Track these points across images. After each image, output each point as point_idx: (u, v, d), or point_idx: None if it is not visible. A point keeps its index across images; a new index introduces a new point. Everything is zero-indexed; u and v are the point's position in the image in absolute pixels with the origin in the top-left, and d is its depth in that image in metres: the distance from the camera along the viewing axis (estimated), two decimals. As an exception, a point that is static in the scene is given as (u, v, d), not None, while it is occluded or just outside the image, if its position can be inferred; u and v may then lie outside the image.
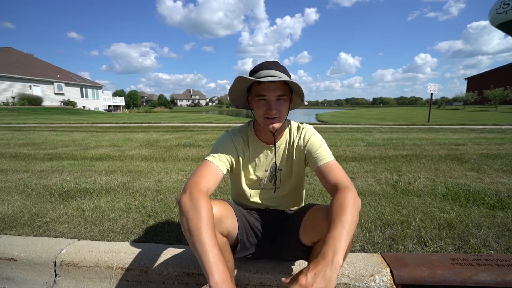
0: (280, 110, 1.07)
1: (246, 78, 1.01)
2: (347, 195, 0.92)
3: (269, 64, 1.09)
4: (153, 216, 1.96)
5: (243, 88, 1.14)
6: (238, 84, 1.08)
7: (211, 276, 0.77)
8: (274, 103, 1.05)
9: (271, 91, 1.04)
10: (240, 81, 1.05)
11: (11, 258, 1.45)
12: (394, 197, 2.27)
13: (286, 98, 1.08)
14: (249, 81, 1.06)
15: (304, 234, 1.06)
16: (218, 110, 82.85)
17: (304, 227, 1.06)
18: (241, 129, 1.24)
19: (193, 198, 0.90)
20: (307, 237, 1.05)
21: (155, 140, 5.98)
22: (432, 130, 7.49)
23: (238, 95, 1.18)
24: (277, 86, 1.04)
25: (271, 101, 1.05)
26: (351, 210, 0.87)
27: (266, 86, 1.04)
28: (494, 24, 13.20)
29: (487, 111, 24.47)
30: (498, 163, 3.38)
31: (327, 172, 1.06)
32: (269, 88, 1.04)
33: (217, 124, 10.98)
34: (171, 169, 3.31)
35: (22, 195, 2.41)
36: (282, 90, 1.06)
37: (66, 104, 28.72)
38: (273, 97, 1.05)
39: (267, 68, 1.07)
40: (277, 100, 1.06)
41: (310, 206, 1.14)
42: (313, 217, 1.03)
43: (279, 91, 1.05)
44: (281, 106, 1.07)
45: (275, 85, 1.04)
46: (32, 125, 9.66)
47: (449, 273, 1.22)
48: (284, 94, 1.06)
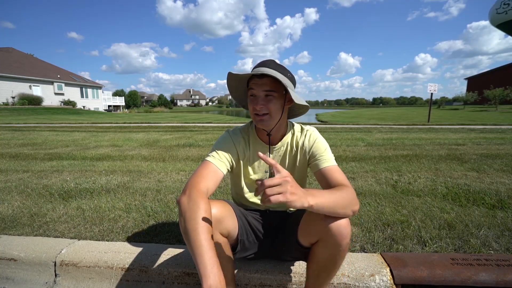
0: (268, 107, 1.05)
1: (234, 73, 1.03)
2: (349, 189, 0.96)
3: (264, 62, 1.09)
4: (153, 216, 1.96)
5: (241, 87, 1.14)
6: (232, 82, 1.09)
7: (206, 278, 0.77)
8: (262, 99, 1.04)
9: (259, 85, 1.04)
10: (231, 78, 1.06)
11: (11, 258, 1.45)
12: (394, 197, 2.27)
13: (276, 95, 1.05)
14: (242, 79, 1.07)
15: (302, 235, 1.06)
16: (218, 110, 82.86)
17: (302, 228, 1.06)
18: (242, 128, 1.23)
19: (192, 199, 0.90)
20: (305, 238, 1.05)
21: (155, 140, 5.97)
22: (432, 130, 7.49)
23: (241, 95, 1.18)
24: (265, 81, 1.03)
25: (259, 96, 1.05)
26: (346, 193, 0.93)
27: (255, 81, 1.04)
28: (494, 24, 13.20)
29: (487, 111, 24.47)
30: (498, 163, 3.38)
31: (329, 175, 1.06)
32: (257, 83, 1.04)
33: (217, 124, 10.98)
34: (171, 169, 3.31)
35: (22, 195, 2.41)
36: (270, 86, 1.03)
37: (66, 104, 28.73)
38: (260, 92, 1.04)
39: (262, 66, 1.06)
40: (265, 96, 1.05)
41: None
42: (311, 218, 1.02)
43: (266, 86, 1.03)
44: (269, 103, 1.05)
45: (262, 81, 1.03)
46: (32, 125, 9.66)
47: (449, 273, 1.22)
48: (272, 90, 1.04)
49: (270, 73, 1.00)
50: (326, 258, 0.99)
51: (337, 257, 0.98)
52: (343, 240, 0.93)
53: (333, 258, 0.98)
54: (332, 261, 0.99)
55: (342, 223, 0.92)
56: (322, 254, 1.00)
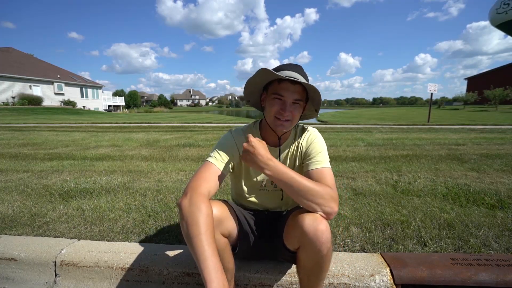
0: (293, 114, 1.05)
1: (270, 71, 0.99)
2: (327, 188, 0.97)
3: (294, 67, 1.07)
4: (153, 216, 1.96)
5: (261, 83, 1.11)
6: (259, 78, 1.05)
7: (210, 283, 0.77)
8: (290, 105, 1.04)
9: (290, 92, 1.03)
10: (262, 74, 1.02)
11: (11, 258, 1.45)
12: (394, 197, 2.27)
13: (301, 104, 1.06)
14: (269, 77, 1.04)
15: (286, 239, 1.05)
16: (218, 110, 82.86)
17: (286, 232, 1.05)
18: (245, 129, 1.21)
19: (193, 202, 0.90)
20: (289, 242, 1.03)
21: (155, 140, 5.98)
22: (432, 130, 7.50)
23: (254, 90, 1.15)
24: (297, 89, 1.03)
25: (287, 102, 1.04)
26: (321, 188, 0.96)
27: (286, 86, 1.02)
28: (494, 24, 13.19)
29: (487, 111, 24.47)
30: (498, 163, 3.38)
31: (318, 178, 1.03)
32: (289, 89, 1.02)
33: (217, 124, 10.98)
34: (171, 169, 3.31)
35: (22, 195, 2.41)
36: (300, 94, 1.04)
37: (66, 104, 28.73)
38: (290, 98, 1.03)
39: (292, 70, 1.05)
40: (292, 103, 1.04)
41: (295, 209, 1.12)
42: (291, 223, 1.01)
43: (297, 95, 1.03)
44: (295, 110, 1.05)
45: (295, 88, 1.03)
46: (32, 125, 9.66)
47: (449, 273, 1.22)
48: (300, 100, 1.05)
49: (306, 84, 1.02)
50: (311, 263, 0.98)
51: (320, 262, 0.96)
52: (322, 246, 0.91)
53: (317, 263, 0.96)
54: (317, 265, 0.97)
55: (320, 228, 0.90)
56: (306, 260, 0.99)
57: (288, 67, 1.07)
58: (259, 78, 1.06)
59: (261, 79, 1.06)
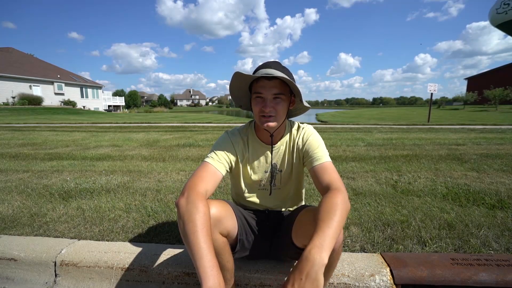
0: (276, 109, 1.06)
1: (243, 74, 1.01)
2: (337, 197, 0.91)
3: (269, 64, 1.09)
4: (153, 216, 1.96)
5: (244, 87, 1.13)
6: (237, 81, 1.08)
7: (205, 280, 0.78)
8: (270, 101, 1.06)
9: (268, 89, 1.04)
10: (237, 78, 1.05)
11: (11, 258, 1.45)
12: (394, 197, 2.27)
13: (283, 98, 1.07)
14: (248, 79, 1.06)
15: (295, 237, 1.05)
16: (218, 110, 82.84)
17: (296, 229, 1.06)
18: (241, 129, 1.24)
19: (190, 201, 0.90)
20: (298, 239, 1.04)
21: (155, 140, 5.98)
22: (432, 130, 7.49)
23: (241, 95, 1.18)
24: (274, 84, 1.04)
25: (267, 99, 1.06)
26: (340, 212, 0.86)
27: (263, 83, 1.04)
28: (494, 24, 13.18)
29: (487, 111, 24.47)
30: (498, 163, 3.38)
31: (320, 173, 1.05)
32: (265, 86, 1.04)
33: (217, 124, 10.98)
34: (171, 169, 3.31)
35: (22, 195, 2.41)
36: (279, 88, 1.05)
37: (66, 104, 28.73)
38: (269, 95, 1.05)
39: (267, 67, 1.07)
40: (273, 99, 1.06)
41: (303, 207, 1.13)
42: (304, 220, 1.02)
43: (275, 89, 1.05)
44: (277, 105, 1.06)
45: (272, 83, 1.04)
46: (32, 125, 9.65)
47: (449, 273, 1.22)
48: (281, 93, 1.06)
49: (281, 76, 1.01)
50: None
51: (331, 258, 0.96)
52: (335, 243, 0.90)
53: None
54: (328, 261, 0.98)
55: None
56: None
57: (264, 65, 1.09)
58: (236, 82, 1.08)
59: (238, 83, 1.09)
